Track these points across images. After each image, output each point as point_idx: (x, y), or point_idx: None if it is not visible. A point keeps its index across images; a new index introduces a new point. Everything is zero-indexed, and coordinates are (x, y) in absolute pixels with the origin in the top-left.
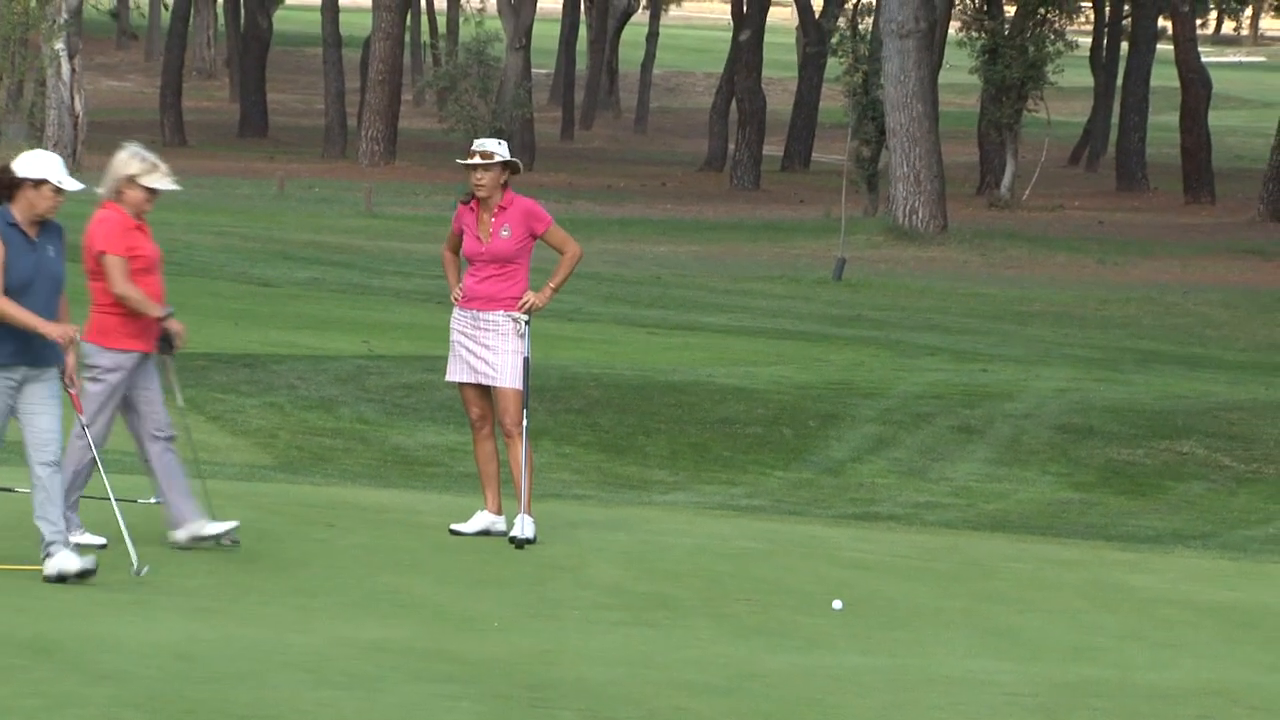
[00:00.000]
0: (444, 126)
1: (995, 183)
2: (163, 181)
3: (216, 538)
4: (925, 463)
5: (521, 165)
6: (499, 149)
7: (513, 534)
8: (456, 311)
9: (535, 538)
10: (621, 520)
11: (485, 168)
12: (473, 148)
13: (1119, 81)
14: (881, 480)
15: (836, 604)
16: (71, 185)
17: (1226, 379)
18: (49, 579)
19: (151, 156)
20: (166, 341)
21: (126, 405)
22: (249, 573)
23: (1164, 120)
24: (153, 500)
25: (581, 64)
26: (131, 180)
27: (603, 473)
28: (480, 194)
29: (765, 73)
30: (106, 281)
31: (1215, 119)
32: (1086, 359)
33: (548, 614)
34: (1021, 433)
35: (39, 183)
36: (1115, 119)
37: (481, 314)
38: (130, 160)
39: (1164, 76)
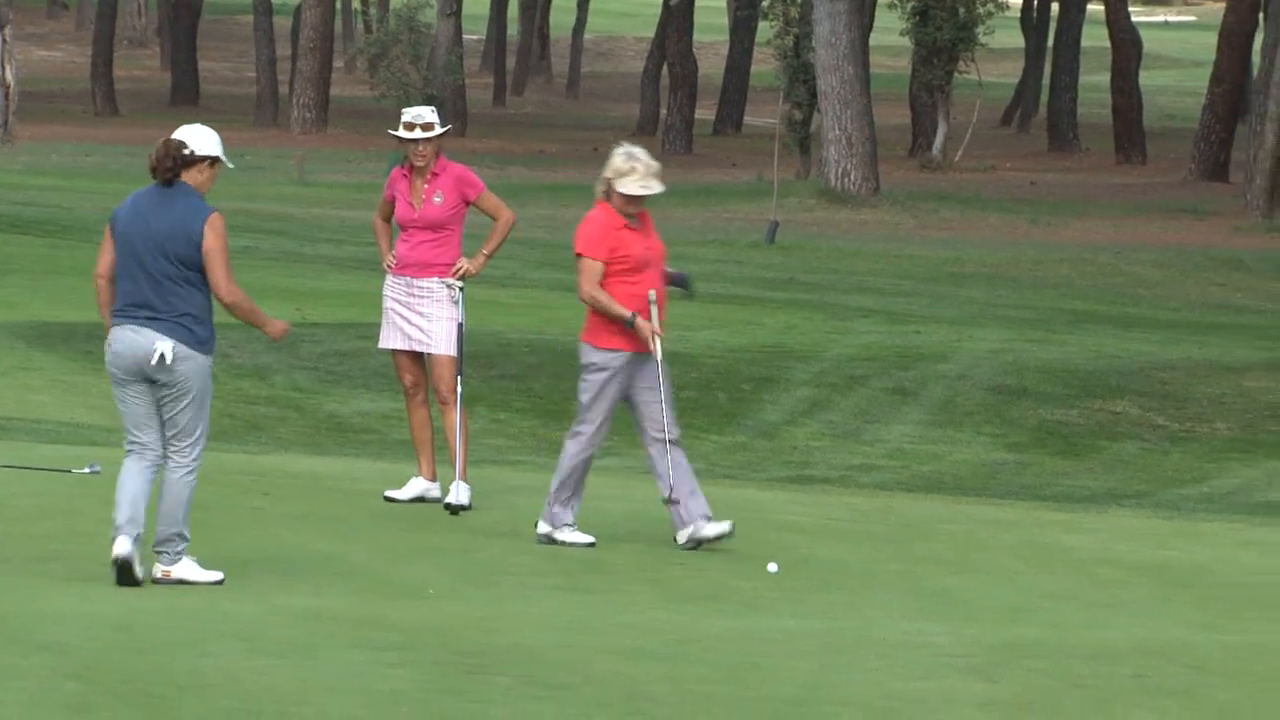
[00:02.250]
0: (376, 93)
1: (927, 145)
2: (634, 186)
3: (714, 539)
4: (859, 425)
5: (452, 129)
6: (435, 117)
7: (448, 500)
8: (390, 279)
9: (470, 504)
10: None
11: (426, 140)
12: (408, 118)
13: (1050, 42)
14: (815, 443)
15: (772, 567)
16: (229, 164)
17: (1159, 338)
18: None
19: (637, 158)
20: (683, 285)
21: (629, 403)
22: None
23: (1095, 80)
24: (87, 470)
25: (513, 30)
26: (609, 182)
27: (537, 438)
28: (420, 164)
29: (696, 37)
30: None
31: (1146, 79)
32: (1019, 320)
33: (484, 580)
34: (955, 394)
35: (215, 161)
36: (1046, 80)
37: (416, 281)
38: (613, 161)
39: (1095, 37)
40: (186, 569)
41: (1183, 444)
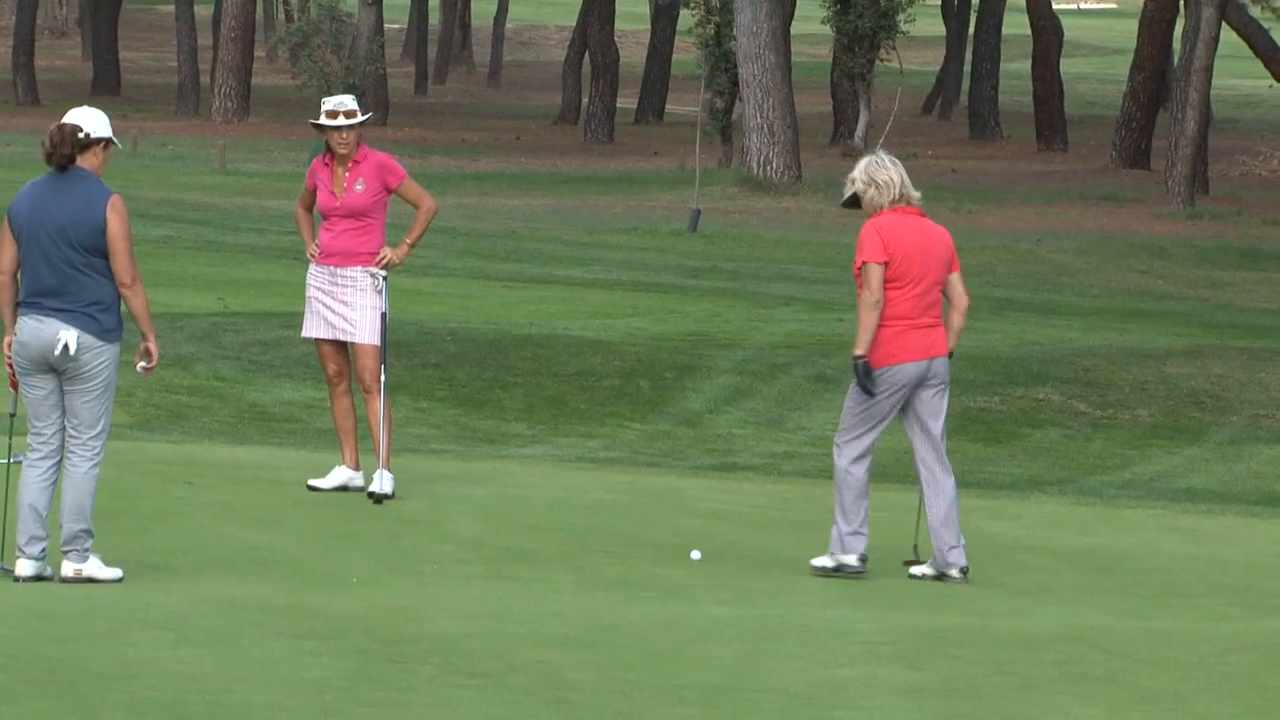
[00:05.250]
0: (297, 83)
1: (849, 133)
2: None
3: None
4: (782, 413)
5: (372, 117)
6: (356, 105)
7: (371, 489)
8: (313, 268)
9: (394, 493)
10: (479, 474)
11: (350, 127)
12: (330, 106)
13: (971, 30)
14: (738, 431)
15: (695, 555)
16: (119, 145)
17: (1081, 325)
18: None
19: (865, 163)
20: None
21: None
22: (107, 532)
23: (1016, 68)
24: (13, 460)
25: (434, 19)
26: None
27: (460, 427)
28: (343, 151)
29: (618, 25)
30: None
31: (1067, 66)
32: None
33: (407, 569)
34: None
35: (109, 143)
36: (968, 67)
37: (339, 270)
38: None
39: (1016, 24)
40: (94, 566)
41: (1105, 431)
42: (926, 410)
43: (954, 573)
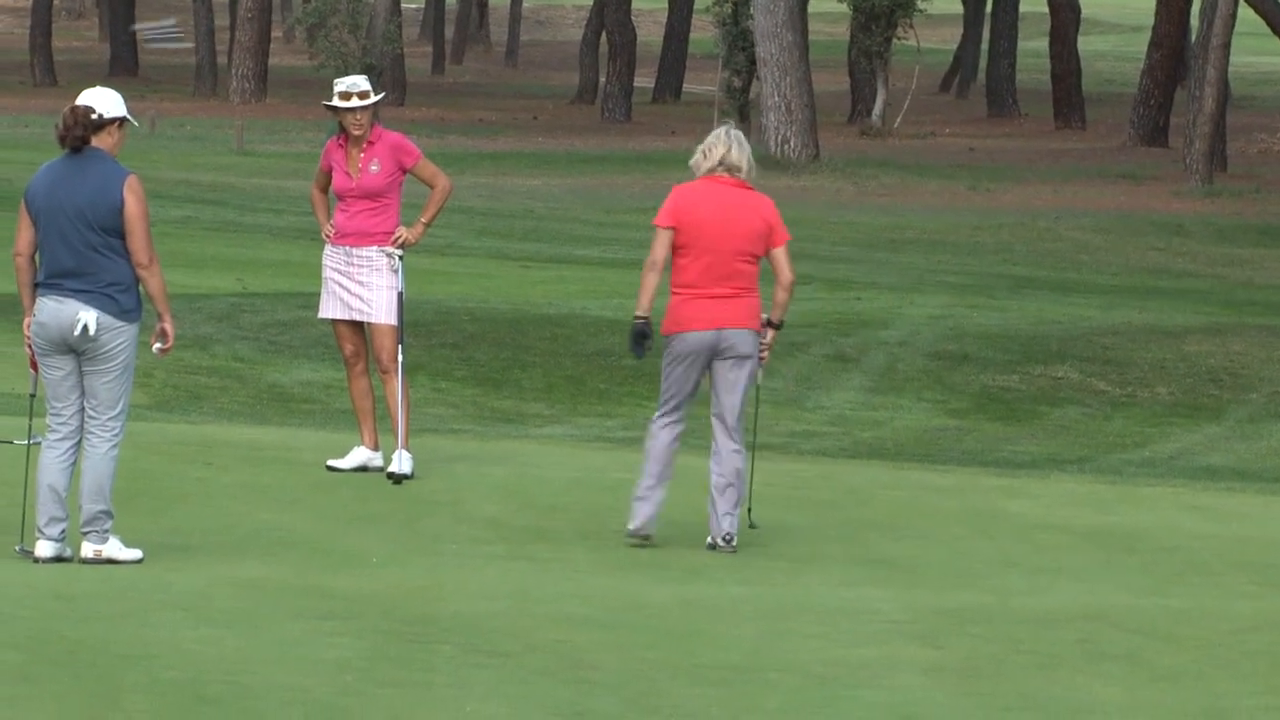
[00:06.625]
0: (314, 63)
1: (866, 111)
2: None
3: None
4: (800, 392)
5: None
6: (369, 85)
7: (390, 469)
8: (329, 248)
9: (413, 473)
10: (498, 454)
11: (363, 108)
12: (343, 88)
13: (988, 8)
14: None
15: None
16: (135, 122)
17: (1100, 303)
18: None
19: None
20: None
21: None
22: (127, 512)
23: (1034, 46)
24: (30, 441)
25: None
26: None
27: (479, 407)
28: (357, 133)
29: (635, 4)
30: None
31: (1085, 44)
32: (960, 285)
33: (426, 549)
34: (896, 360)
35: (123, 122)
36: (985, 45)
37: (355, 250)
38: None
39: (1033, 2)
40: (114, 548)
41: (1124, 409)
42: (722, 384)
43: (718, 540)
